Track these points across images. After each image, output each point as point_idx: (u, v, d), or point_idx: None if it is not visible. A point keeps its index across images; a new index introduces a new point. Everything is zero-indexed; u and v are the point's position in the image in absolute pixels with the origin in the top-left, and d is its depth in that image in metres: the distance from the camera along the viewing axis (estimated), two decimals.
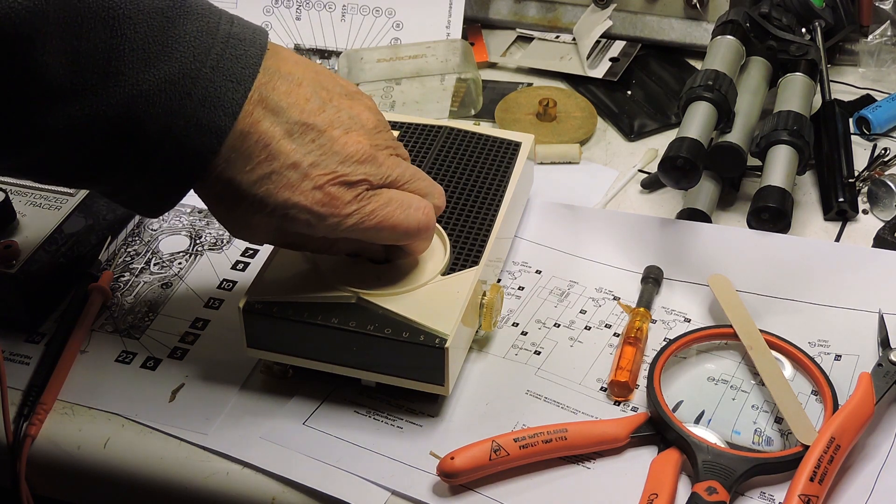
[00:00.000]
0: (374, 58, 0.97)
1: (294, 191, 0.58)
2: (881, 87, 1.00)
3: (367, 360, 0.65)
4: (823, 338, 0.72)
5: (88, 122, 0.54)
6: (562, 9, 1.08)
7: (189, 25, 0.55)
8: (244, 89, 0.56)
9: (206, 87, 0.55)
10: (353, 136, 0.60)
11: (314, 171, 0.58)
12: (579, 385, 0.70)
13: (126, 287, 0.77)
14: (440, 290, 0.67)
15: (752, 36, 0.90)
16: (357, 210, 0.60)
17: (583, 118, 0.95)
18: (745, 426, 0.66)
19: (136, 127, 0.54)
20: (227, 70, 0.56)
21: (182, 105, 0.54)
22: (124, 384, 0.70)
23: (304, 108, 0.58)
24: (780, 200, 0.78)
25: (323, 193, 0.59)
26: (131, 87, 0.53)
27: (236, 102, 0.56)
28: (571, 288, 0.77)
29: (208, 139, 0.55)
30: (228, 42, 0.56)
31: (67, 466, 0.66)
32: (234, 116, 0.56)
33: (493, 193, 0.75)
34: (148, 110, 0.54)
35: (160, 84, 0.54)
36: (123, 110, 0.54)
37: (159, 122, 0.54)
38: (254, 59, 0.57)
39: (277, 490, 0.63)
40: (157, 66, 0.54)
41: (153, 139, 0.55)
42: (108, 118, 0.54)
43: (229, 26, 0.57)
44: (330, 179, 0.59)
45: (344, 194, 0.59)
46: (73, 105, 0.53)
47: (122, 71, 0.53)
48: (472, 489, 0.62)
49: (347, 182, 0.59)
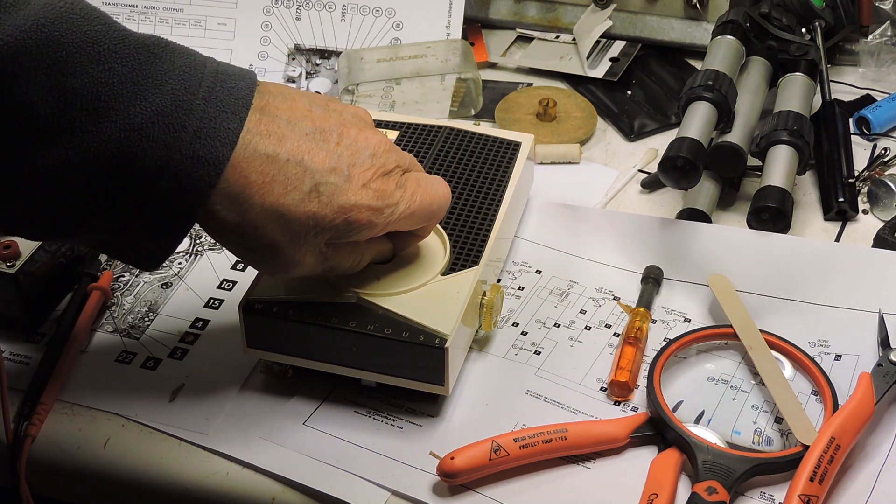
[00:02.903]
0: (374, 58, 0.97)
1: (346, 194, 0.58)
2: (881, 87, 1.00)
3: (367, 360, 0.65)
4: (823, 338, 0.72)
5: (80, 162, 0.51)
6: (562, 9, 1.08)
7: (176, 60, 0.54)
8: (239, 119, 0.54)
9: (200, 118, 0.53)
10: (368, 131, 0.61)
11: (354, 170, 0.58)
12: (579, 385, 0.70)
13: (126, 287, 0.77)
14: (440, 290, 0.67)
15: (752, 36, 0.90)
16: (402, 196, 0.60)
17: (583, 118, 0.95)
18: (745, 426, 0.66)
19: (129, 163, 0.52)
20: (219, 101, 0.54)
21: (177, 138, 0.52)
22: (124, 384, 0.70)
23: (311, 117, 0.58)
24: (780, 200, 0.78)
25: (371, 189, 0.59)
26: (122, 122, 0.51)
27: (233, 132, 0.54)
28: (571, 288, 0.77)
29: (206, 171, 0.53)
30: (217, 76, 0.55)
31: (67, 466, 0.66)
32: (231, 146, 0.54)
33: (493, 193, 0.75)
34: (141, 145, 0.52)
35: (152, 117, 0.52)
36: (116, 147, 0.51)
37: (154, 156, 0.52)
38: (245, 92, 0.55)
39: (277, 490, 0.63)
40: (149, 98, 0.52)
41: (148, 175, 0.52)
42: (101, 156, 0.51)
43: (215, 64, 0.56)
44: (372, 174, 0.59)
45: (387, 184, 0.60)
46: (63, 144, 0.51)
47: (113, 105, 0.51)
48: (472, 489, 0.62)
49: (385, 172, 0.60)
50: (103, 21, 0.52)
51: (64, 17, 0.51)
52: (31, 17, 0.49)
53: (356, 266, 0.64)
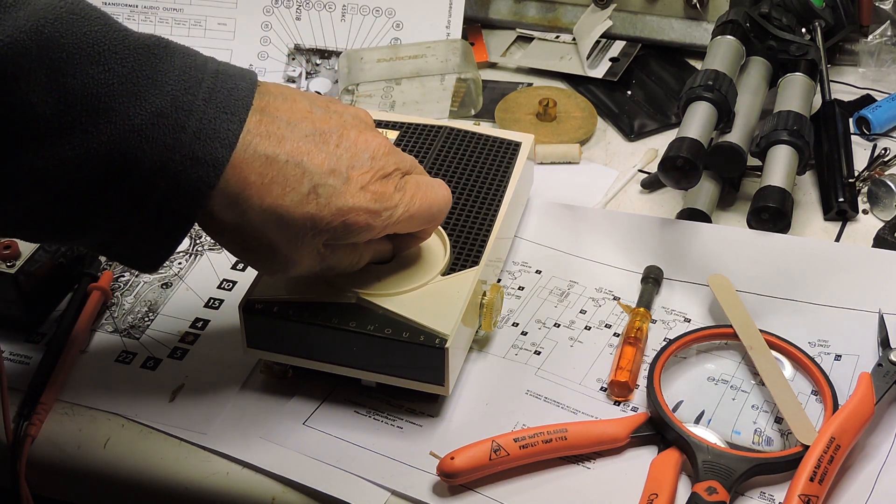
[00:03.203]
0: (374, 58, 0.97)
1: (344, 196, 0.58)
2: (881, 87, 0.99)
3: (367, 360, 0.65)
4: (823, 338, 0.72)
5: (80, 162, 0.51)
6: (562, 9, 1.08)
7: (177, 60, 0.54)
8: (239, 120, 0.54)
9: (200, 119, 0.53)
10: (368, 133, 0.60)
11: (353, 172, 0.58)
12: (579, 385, 0.70)
13: (126, 287, 0.77)
14: (440, 290, 0.67)
15: (752, 36, 0.90)
16: (401, 199, 0.60)
17: (583, 118, 0.95)
18: (745, 426, 0.66)
19: (129, 164, 0.52)
20: (220, 102, 0.54)
21: (176, 139, 0.52)
22: (124, 384, 0.70)
23: (311, 118, 0.58)
24: (780, 200, 0.78)
25: (369, 191, 0.59)
26: (122, 123, 0.51)
27: (233, 133, 0.54)
28: (571, 288, 0.77)
29: (205, 172, 0.53)
30: (218, 77, 0.55)
31: (67, 466, 0.66)
32: (231, 147, 0.54)
33: (493, 193, 0.75)
34: (141, 146, 0.52)
35: (152, 118, 0.52)
36: (115, 147, 0.51)
37: (153, 157, 0.52)
38: (245, 93, 0.55)
39: (277, 490, 0.63)
40: (148, 99, 0.52)
41: (147, 176, 0.52)
42: (100, 156, 0.51)
43: (216, 64, 0.56)
44: (371, 177, 0.59)
45: (386, 187, 0.60)
46: (63, 145, 0.51)
47: (112, 106, 0.51)
48: (472, 489, 0.62)
49: (384, 174, 0.60)
50: (103, 21, 0.52)
51: (64, 18, 0.50)
52: (31, 18, 0.49)
53: (355, 266, 0.64)
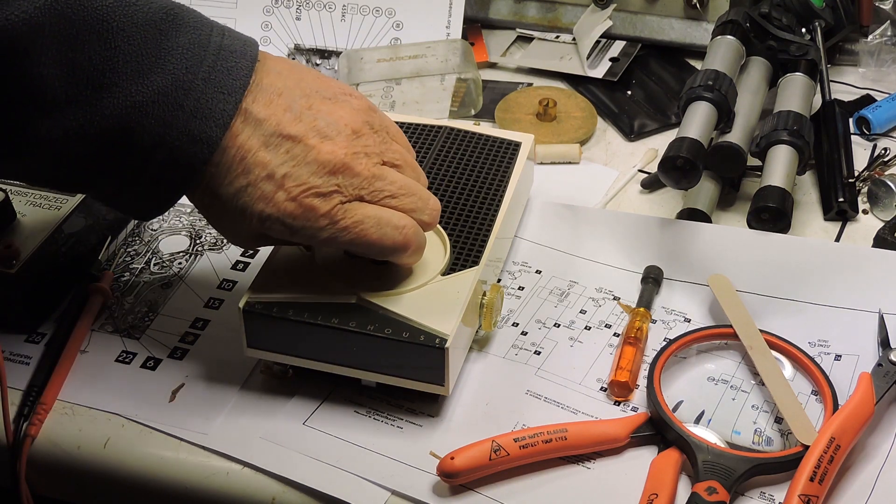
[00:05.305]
0: (374, 58, 0.97)
1: (268, 203, 0.58)
2: (881, 87, 0.99)
3: (367, 360, 0.65)
4: (823, 338, 0.72)
5: (82, 133, 0.55)
6: (562, 9, 1.08)
7: (182, 38, 0.56)
8: (234, 101, 0.57)
9: (198, 98, 0.56)
10: (328, 145, 0.59)
11: (288, 182, 0.58)
12: (579, 385, 0.70)
13: (126, 287, 0.77)
14: (440, 290, 0.67)
15: (752, 36, 0.90)
16: (330, 224, 0.59)
17: (583, 118, 0.95)
18: (745, 426, 0.66)
19: (129, 137, 0.55)
20: (218, 82, 0.57)
21: (174, 116, 0.55)
22: (124, 384, 0.70)
23: (280, 118, 0.59)
24: (780, 200, 0.78)
25: (297, 205, 0.59)
26: (125, 99, 0.54)
27: (227, 114, 0.57)
28: (571, 288, 0.77)
29: (200, 150, 0.57)
30: (220, 54, 0.57)
31: (67, 466, 0.66)
32: (224, 127, 0.57)
33: (493, 193, 0.75)
34: (141, 121, 0.55)
35: (153, 96, 0.55)
36: (117, 121, 0.55)
37: (152, 133, 0.55)
38: (244, 72, 0.58)
39: (277, 490, 0.63)
40: (151, 77, 0.55)
41: (146, 150, 0.56)
42: (102, 129, 0.55)
43: (220, 38, 0.58)
44: (303, 191, 0.58)
45: (319, 206, 0.59)
46: (68, 116, 0.54)
47: (116, 83, 0.54)
48: (472, 489, 0.62)
49: (320, 193, 0.59)
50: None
51: None
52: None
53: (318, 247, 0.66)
